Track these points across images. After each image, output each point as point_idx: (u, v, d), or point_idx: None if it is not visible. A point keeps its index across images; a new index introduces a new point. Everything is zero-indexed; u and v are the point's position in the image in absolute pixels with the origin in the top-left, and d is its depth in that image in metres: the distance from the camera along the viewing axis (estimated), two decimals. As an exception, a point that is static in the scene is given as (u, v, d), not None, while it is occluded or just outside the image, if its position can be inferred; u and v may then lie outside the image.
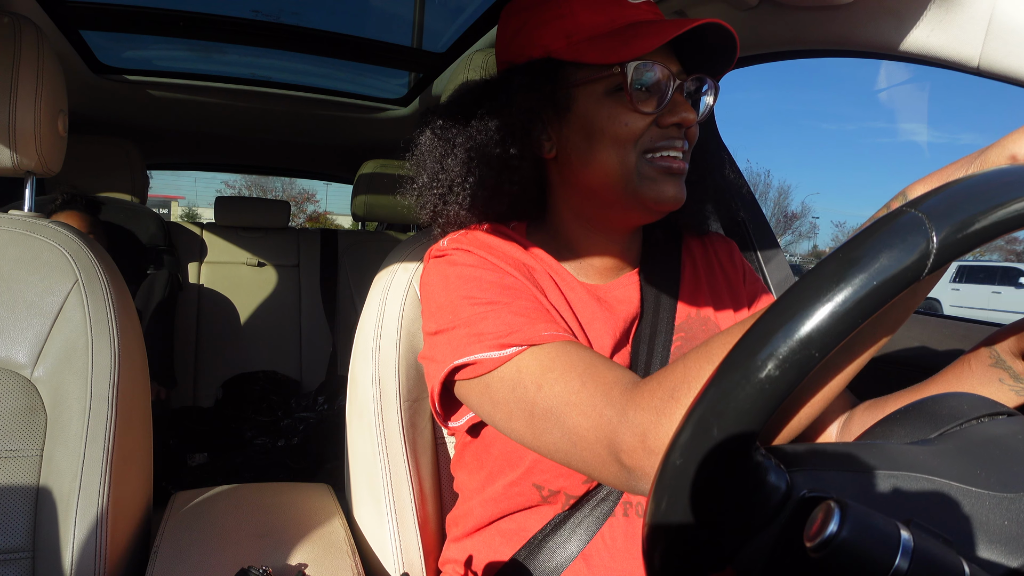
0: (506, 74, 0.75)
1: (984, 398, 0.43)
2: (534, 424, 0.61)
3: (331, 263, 2.62)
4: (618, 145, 0.69)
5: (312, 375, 2.52)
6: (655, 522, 0.36)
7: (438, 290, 0.71)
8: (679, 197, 0.70)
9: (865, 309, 0.31)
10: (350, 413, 0.95)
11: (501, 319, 0.64)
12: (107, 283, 0.87)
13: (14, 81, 0.84)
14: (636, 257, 0.82)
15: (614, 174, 0.70)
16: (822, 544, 0.30)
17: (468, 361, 0.65)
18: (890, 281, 0.31)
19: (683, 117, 0.68)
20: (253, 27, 1.66)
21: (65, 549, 0.77)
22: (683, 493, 0.34)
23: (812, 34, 0.95)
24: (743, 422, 0.33)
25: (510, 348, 0.62)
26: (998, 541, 0.33)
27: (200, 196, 28.51)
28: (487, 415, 0.67)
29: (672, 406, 0.51)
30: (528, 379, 0.61)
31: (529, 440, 0.63)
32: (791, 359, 0.32)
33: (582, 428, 0.57)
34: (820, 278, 0.33)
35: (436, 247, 0.75)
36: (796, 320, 0.32)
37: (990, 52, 0.75)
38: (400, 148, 0.82)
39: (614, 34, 0.69)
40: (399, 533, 0.85)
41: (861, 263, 0.32)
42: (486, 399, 0.65)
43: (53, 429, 0.80)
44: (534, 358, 0.62)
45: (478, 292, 0.67)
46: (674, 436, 0.35)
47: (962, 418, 0.41)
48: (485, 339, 0.64)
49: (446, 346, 0.67)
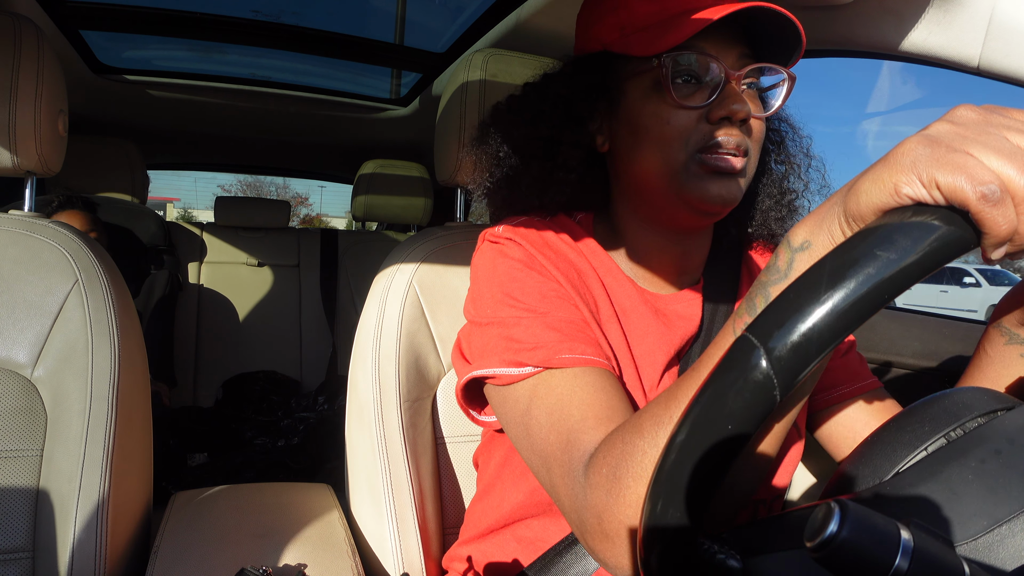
0: (564, 67, 0.75)
1: (992, 395, 0.43)
2: (535, 455, 0.61)
3: (331, 263, 2.61)
4: (663, 144, 0.65)
5: (312, 375, 2.52)
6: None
7: (482, 278, 0.70)
8: (727, 197, 0.64)
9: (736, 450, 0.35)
10: (350, 413, 0.95)
11: (532, 330, 0.63)
12: (107, 283, 0.87)
13: (14, 81, 0.84)
14: (700, 267, 0.77)
15: (659, 173, 0.66)
16: (822, 544, 0.29)
17: (487, 374, 0.64)
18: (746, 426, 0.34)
19: (731, 110, 0.62)
20: (253, 27, 1.66)
21: (65, 549, 0.76)
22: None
23: (812, 34, 0.95)
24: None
25: (526, 367, 0.61)
26: None
27: (196, 198, 28.60)
28: (503, 425, 0.67)
29: (616, 487, 0.50)
30: (536, 407, 0.60)
31: (529, 463, 0.63)
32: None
33: (560, 490, 0.57)
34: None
35: (491, 232, 0.73)
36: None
37: (990, 52, 0.75)
38: (400, 148, 0.83)
39: (661, 24, 0.65)
40: (399, 533, 0.85)
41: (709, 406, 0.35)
42: (501, 411, 0.66)
43: (53, 429, 0.80)
44: (547, 384, 0.60)
45: (520, 293, 0.66)
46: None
47: (979, 411, 0.41)
48: (510, 347, 0.63)
49: (478, 342, 0.67)
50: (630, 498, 0.49)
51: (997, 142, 0.35)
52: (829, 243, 0.40)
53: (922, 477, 0.38)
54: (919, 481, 0.38)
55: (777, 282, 0.42)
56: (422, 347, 0.91)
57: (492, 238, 0.72)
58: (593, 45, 0.72)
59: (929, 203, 0.35)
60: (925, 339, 1.12)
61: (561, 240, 0.72)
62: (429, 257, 0.94)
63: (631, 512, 0.49)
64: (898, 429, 0.43)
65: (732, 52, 0.65)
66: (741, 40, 0.66)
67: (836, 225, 0.40)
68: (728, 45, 0.65)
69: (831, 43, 0.96)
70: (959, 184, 0.34)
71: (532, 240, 0.70)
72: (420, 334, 0.91)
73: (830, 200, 0.42)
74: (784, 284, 0.41)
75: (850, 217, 0.39)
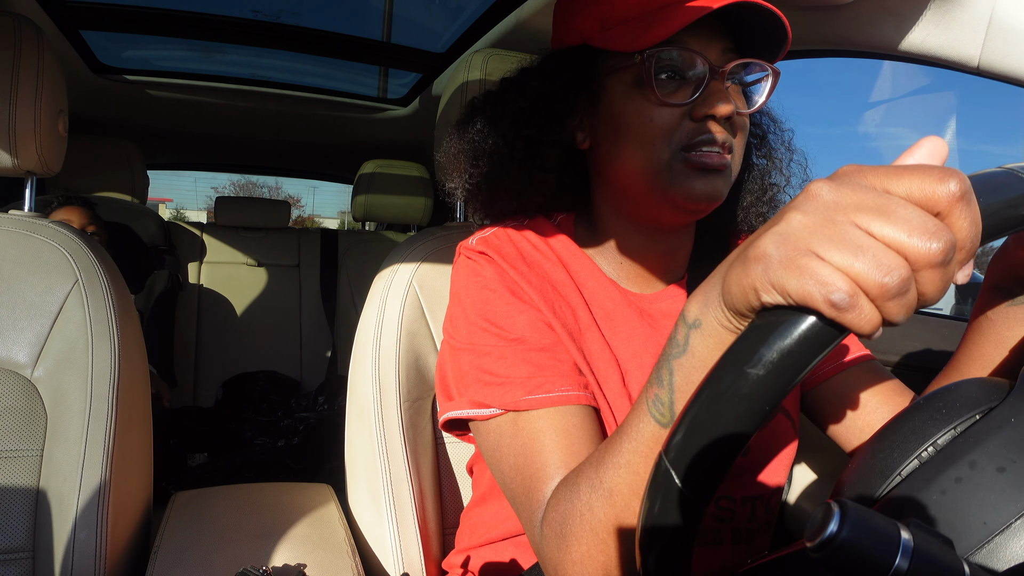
0: (541, 61, 0.73)
1: (997, 384, 0.43)
2: (505, 493, 0.63)
3: (331, 263, 2.62)
4: (646, 142, 0.64)
5: (312, 375, 2.52)
6: None
7: (460, 297, 0.70)
8: (713, 195, 0.63)
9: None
10: (350, 413, 0.95)
11: (504, 361, 0.63)
12: (107, 283, 0.87)
13: (14, 81, 0.84)
14: (683, 263, 0.76)
15: (642, 171, 0.65)
16: (822, 544, 0.29)
17: (458, 416, 0.66)
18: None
19: (715, 108, 0.61)
20: (253, 27, 1.66)
21: (65, 549, 0.77)
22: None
23: (812, 34, 0.95)
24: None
25: (491, 408, 0.62)
26: None
27: (188, 199, 28.68)
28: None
29: (564, 544, 0.51)
30: (503, 450, 0.62)
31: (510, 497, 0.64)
32: None
33: (527, 533, 0.59)
34: None
35: (466, 245, 0.73)
36: None
37: (990, 52, 0.75)
38: (400, 148, 0.83)
39: (644, 17, 0.63)
40: (399, 533, 0.85)
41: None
42: (478, 441, 0.67)
43: (53, 429, 0.80)
44: (512, 427, 0.61)
45: (492, 317, 0.66)
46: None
47: (985, 402, 0.41)
48: (480, 380, 0.64)
49: (453, 368, 0.68)
50: (576, 555, 0.50)
51: (845, 234, 0.32)
52: (716, 324, 0.40)
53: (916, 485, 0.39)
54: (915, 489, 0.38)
55: (678, 356, 0.43)
56: (422, 347, 0.91)
57: (467, 252, 0.72)
58: (572, 38, 0.70)
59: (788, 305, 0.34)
60: (925, 339, 1.12)
61: (537, 251, 0.71)
62: (429, 257, 0.94)
63: (579, 569, 0.50)
64: (895, 434, 0.43)
65: (716, 46, 0.64)
66: (725, 34, 0.64)
67: (720, 310, 0.39)
68: (712, 39, 0.63)
69: (831, 43, 0.96)
70: (807, 290, 0.32)
71: (505, 254, 0.69)
72: (420, 334, 0.91)
73: (714, 276, 0.41)
74: (684, 359, 0.42)
75: (727, 309, 0.38)
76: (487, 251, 0.70)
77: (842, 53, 0.98)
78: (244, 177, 18.08)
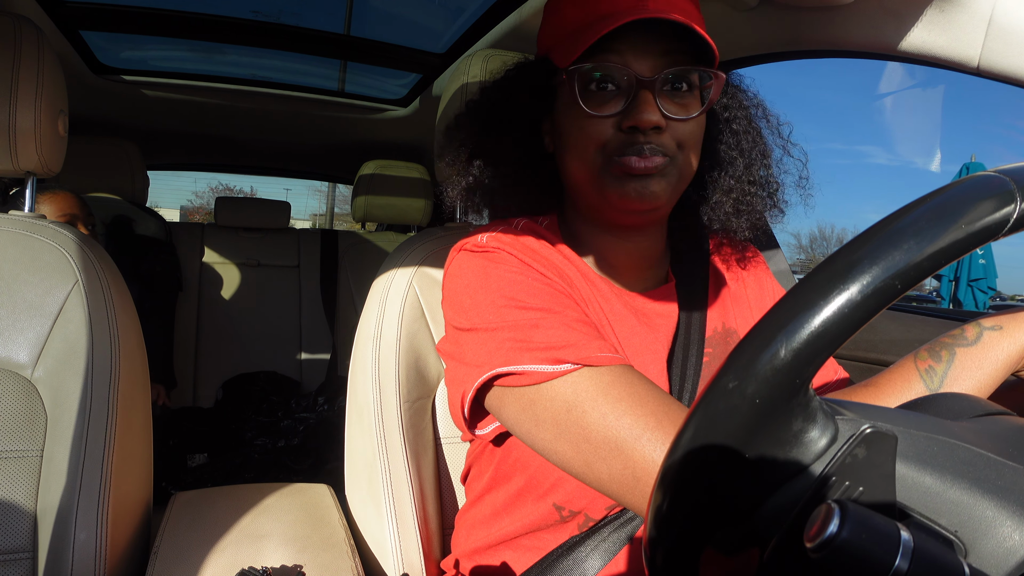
0: (511, 70, 0.76)
1: (979, 400, 0.43)
2: (587, 451, 0.56)
3: (331, 263, 2.62)
4: (581, 150, 0.67)
5: (312, 375, 2.52)
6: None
7: (475, 285, 0.66)
8: (646, 196, 0.65)
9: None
10: (350, 414, 0.95)
11: (553, 330, 0.59)
12: (107, 283, 0.87)
13: (14, 81, 0.84)
14: (662, 260, 0.78)
15: (582, 177, 0.69)
16: (822, 544, 0.29)
17: (514, 371, 0.59)
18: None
19: (639, 120, 0.63)
20: (253, 27, 1.66)
21: (65, 549, 0.76)
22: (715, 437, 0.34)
23: (812, 34, 0.95)
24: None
25: (565, 364, 0.57)
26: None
27: (163, 199, 28.55)
28: (524, 431, 0.61)
29: None
30: (587, 402, 0.56)
31: (574, 465, 0.58)
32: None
33: (656, 460, 0.52)
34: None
35: (472, 241, 0.71)
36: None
37: (990, 52, 0.75)
38: (400, 148, 0.85)
39: (576, 33, 0.66)
40: (399, 533, 0.85)
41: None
42: (528, 415, 0.60)
43: (53, 429, 0.80)
44: (591, 380, 0.57)
45: (526, 297, 0.63)
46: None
47: (968, 415, 0.41)
48: (535, 349, 0.59)
49: (482, 348, 0.62)
50: None
51: None
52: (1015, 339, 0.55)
53: (992, 424, 0.40)
54: (990, 425, 0.39)
55: (965, 347, 0.54)
56: (422, 348, 0.91)
57: (475, 247, 0.70)
58: (539, 49, 0.75)
59: None
60: (925, 339, 1.12)
61: (543, 247, 0.71)
62: (429, 258, 0.94)
63: None
64: (929, 402, 0.44)
65: (652, 52, 0.65)
66: (665, 38, 0.65)
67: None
68: (647, 48, 0.65)
69: (831, 43, 0.96)
70: None
71: (519, 248, 0.69)
72: (420, 335, 0.91)
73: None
74: (971, 349, 0.54)
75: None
76: (502, 247, 0.68)
77: (842, 54, 0.98)
78: (215, 178, 18.00)
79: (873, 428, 0.34)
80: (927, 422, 0.37)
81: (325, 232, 2.71)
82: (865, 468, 0.34)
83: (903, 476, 0.34)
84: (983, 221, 0.33)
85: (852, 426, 0.35)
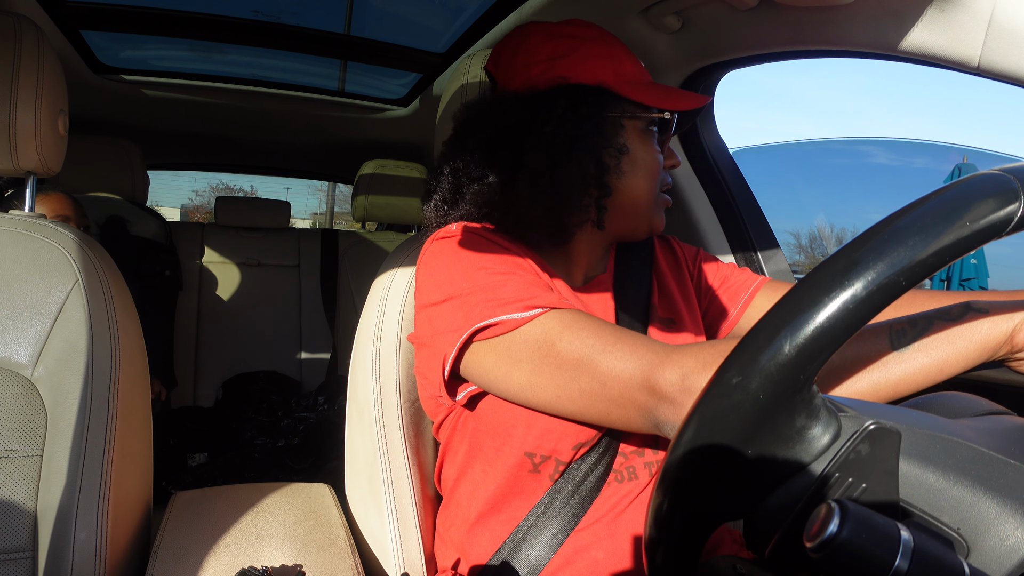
0: (547, 94, 0.77)
1: (980, 399, 0.43)
2: (560, 376, 0.64)
3: (331, 263, 2.61)
4: (651, 175, 0.80)
5: (312, 375, 2.52)
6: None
7: (447, 261, 0.72)
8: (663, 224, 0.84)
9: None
10: (350, 413, 0.95)
11: (520, 286, 0.67)
12: (107, 283, 0.87)
13: (14, 81, 0.84)
14: (605, 260, 0.88)
15: (646, 200, 0.80)
16: (822, 544, 0.30)
17: (491, 323, 0.66)
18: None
19: (674, 162, 0.84)
20: (253, 27, 1.66)
21: (65, 549, 0.77)
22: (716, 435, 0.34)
23: (812, 34, 0.95)
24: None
25: (534, 310, 0.65)
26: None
27: (164, 198, 28.48)
28: (501, 376, 0.68)
29: (719, 361, 0.52)
30: (556, 336, 0.64)
31: (548, 392, 0.65)
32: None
33: (617, 369, 0.60)
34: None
35: (443, 232, 0.77)
36: None
37: (990, 52, 0.75)
38: (400, 148, 0.85)
39: (652, 86, 0.80)
40: (399, 533, 0.85)
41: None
42: (505, 359, 0.67)
43: (53, 429, 0.80)
44: (558, 319, 0.65)
45: (493, 264, 0.70)
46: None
47: (970, 414, 0.41)
48: (506, 303, 0.66)
49: (460, 311, 0.68)
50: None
51: None
52: (996, 328, 0.56)
53: (993, 423, 0.39)
54: (991, 424, 0.39)
55: (944, 320, 0.56)
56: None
57: (445, 234, 0.77)
58: (585, 77, 0.78)
59: None
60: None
61: (504, 236, 0.78)
62: (429, 257, 0.94)
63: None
64: (931, 402, 0.44)
65: None
66: None
67: (1008, 330, 0.55)
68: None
69: (831, 43, 0.96)
70: None
71: (485, 233, 0.76)
72: (420, 334, 0.91)
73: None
74: (949, 324, 0.56)
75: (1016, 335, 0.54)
76: (471, 231, 0.75)
77: (842, 53, 0.98)
78: (215, 177, 17.87)
79: (877, 424, 0.34)
80: (930, 420, 0.37)
81: (325, 232, 2.71)
82: (868, 465, 0.34)
83: (906, 473, 0.34)
84: (987, 219, 0.33)
85: (855, 423, 0.35)
